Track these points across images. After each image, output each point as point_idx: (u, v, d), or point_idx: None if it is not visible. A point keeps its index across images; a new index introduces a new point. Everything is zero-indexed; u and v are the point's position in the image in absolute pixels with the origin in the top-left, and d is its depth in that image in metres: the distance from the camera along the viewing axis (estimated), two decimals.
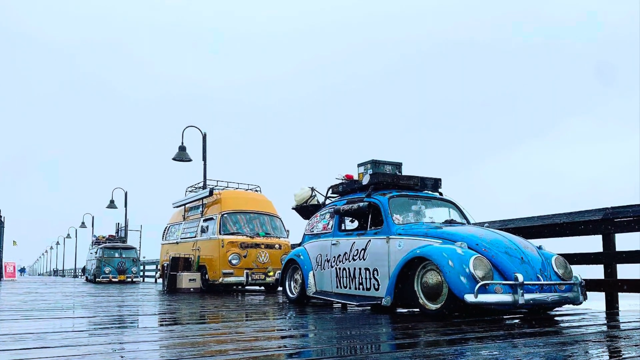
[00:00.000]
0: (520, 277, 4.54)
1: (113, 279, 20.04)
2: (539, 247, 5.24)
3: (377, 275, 5.75)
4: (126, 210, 23.63)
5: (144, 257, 24.23)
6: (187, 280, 11.03)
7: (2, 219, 23.44)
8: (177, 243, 12.74)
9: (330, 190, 7.24)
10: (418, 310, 5.19)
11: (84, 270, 26.51)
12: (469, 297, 4.45)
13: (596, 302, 5.86)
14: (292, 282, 7.48)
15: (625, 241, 5.69)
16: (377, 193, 6.14)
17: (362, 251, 6.00)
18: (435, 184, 6.54)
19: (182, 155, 13.93)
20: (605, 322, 4.58)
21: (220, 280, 10.51)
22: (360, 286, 6.01)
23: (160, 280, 14.88)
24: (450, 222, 5.88)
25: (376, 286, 5.75)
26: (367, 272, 5.90)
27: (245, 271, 10.52)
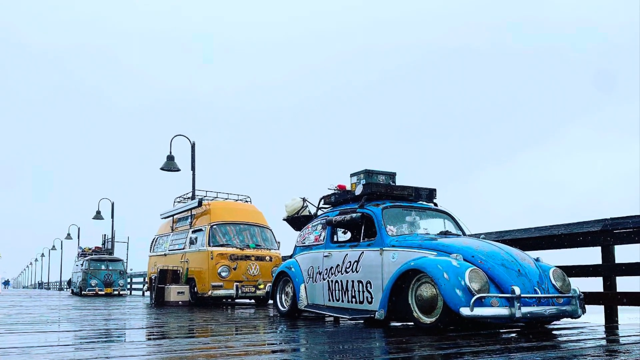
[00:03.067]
0: (517, 290, 4.48)
1: (99, 292, 19.81)
2: (537, 259, 5.18)
3: (371, 288, 5.66)
4: (113, 221, 23.45)
5: (131, 270, 24.08)
6: (176, 293, 10.89)
7: None
8: (165, 255, 12.60)
9: (323, 200, 7.17)
10: (412, 323, 5.12)
11: (69, 282, 26.21)
12: (465, 311, 4.38)
13: (595, 315, 5.83)
14: (283, 295, 7.37)
15: (624, 253, 5.66)
16: (370, 204, 6.08)
17: (355, 263, 5.92)
18: (430, 194, 6.49)
19: (170, 165, 13.83)
20: (605, 336, 4.55)
21: (210, 293, 10.38)
22: (353, 299, 5.91)
23: (147, 293, 14.72)
24: (445, 234, 5.83)
25: (369, 299, 5.67)
26: (360, 284, 5.81)
27: (235, 284, 10.41)
